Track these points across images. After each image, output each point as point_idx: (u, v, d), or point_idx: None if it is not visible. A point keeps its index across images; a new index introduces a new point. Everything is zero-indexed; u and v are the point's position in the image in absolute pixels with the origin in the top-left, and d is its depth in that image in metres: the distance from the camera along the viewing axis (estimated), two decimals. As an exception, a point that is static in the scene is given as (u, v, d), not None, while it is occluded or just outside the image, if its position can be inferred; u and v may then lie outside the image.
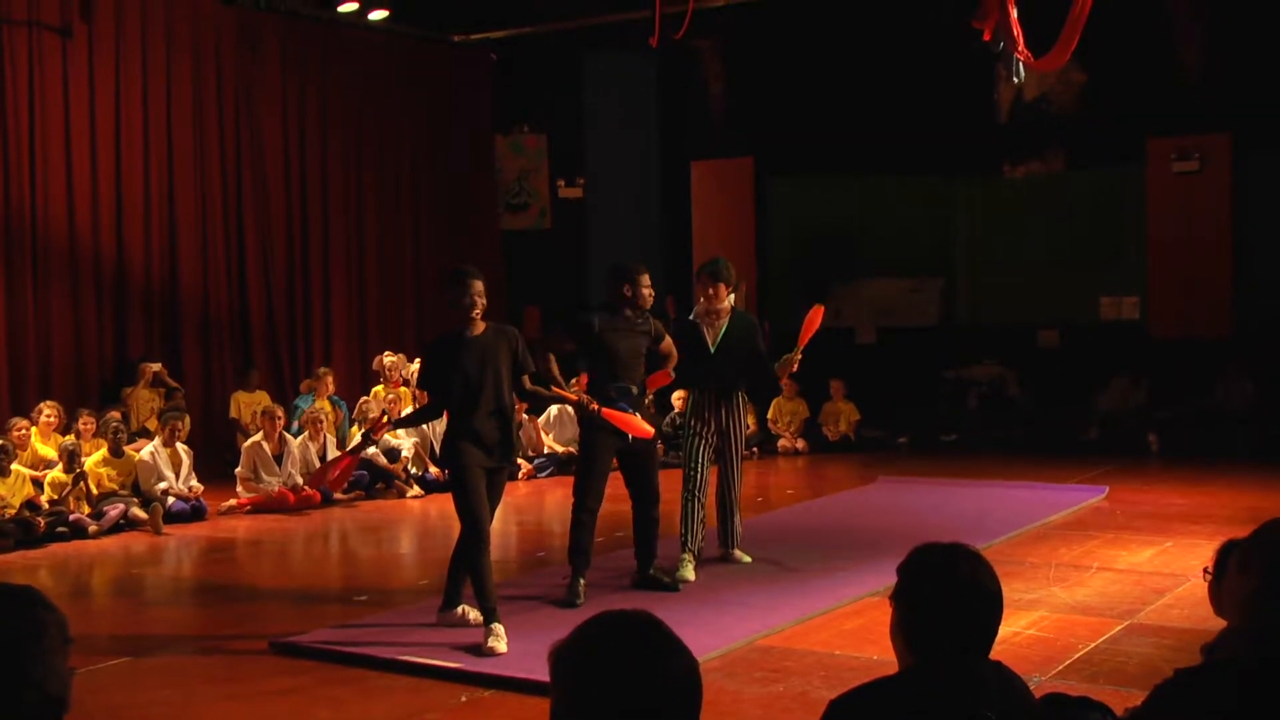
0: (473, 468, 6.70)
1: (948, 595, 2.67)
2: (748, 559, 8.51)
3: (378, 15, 15.36)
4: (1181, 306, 14.80)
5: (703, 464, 8.26)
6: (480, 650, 6.37)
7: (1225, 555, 3.34)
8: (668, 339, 7.90)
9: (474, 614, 6.79)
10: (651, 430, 7.61)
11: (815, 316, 8.26)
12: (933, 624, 2.68)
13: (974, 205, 16.53)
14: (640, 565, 7.91)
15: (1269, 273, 14.45)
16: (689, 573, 8.05)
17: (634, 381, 7.66)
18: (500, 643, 6.39)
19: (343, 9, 15.00)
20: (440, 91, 16.89)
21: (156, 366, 12.97)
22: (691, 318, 8.40)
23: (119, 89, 13.53)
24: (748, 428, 10.32)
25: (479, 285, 6.80)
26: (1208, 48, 14.65)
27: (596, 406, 7.36)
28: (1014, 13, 9.80)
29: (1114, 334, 15.35)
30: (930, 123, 15.58)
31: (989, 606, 2.69)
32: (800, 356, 8.37)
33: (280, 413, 12.00)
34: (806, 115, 16.18)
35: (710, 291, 8.25)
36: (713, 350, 8.24)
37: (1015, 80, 10.86)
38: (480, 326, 6.81)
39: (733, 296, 8.51)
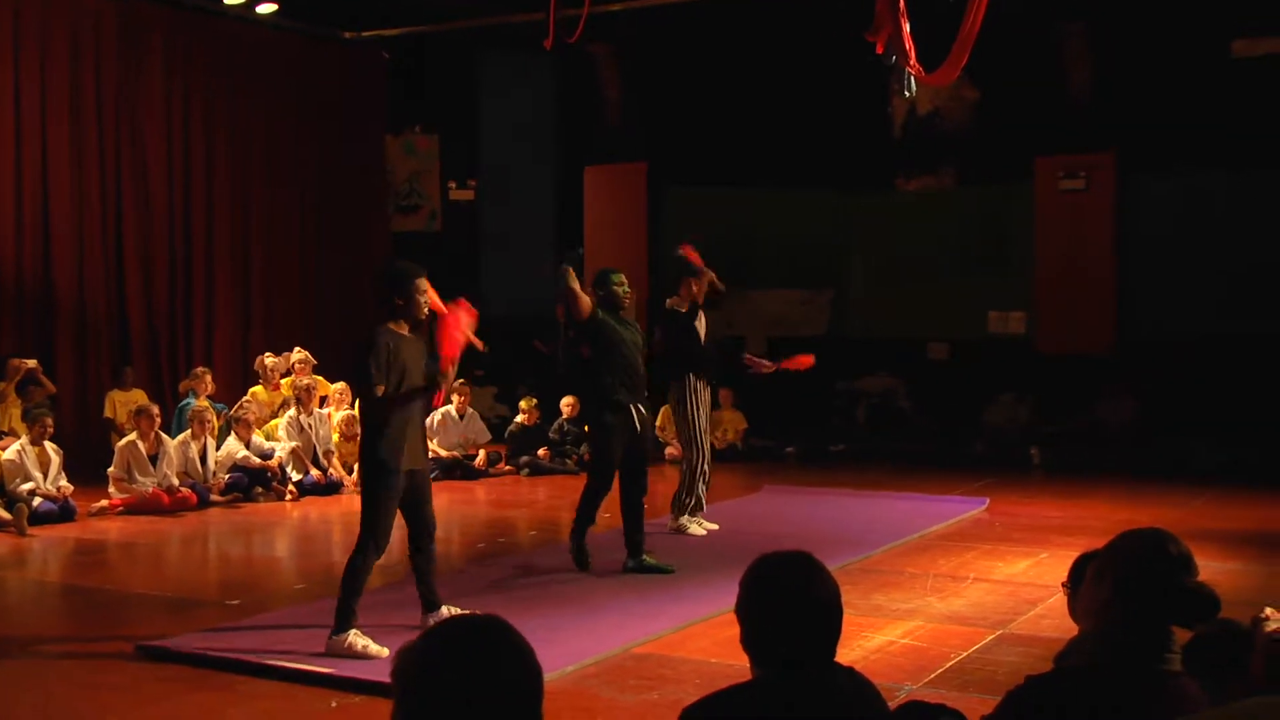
0: (399, 473, 6.60)
1: (779, 605, 2.73)
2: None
3: (266, 9, 15.18)
4: (1067, 323, 15.11)
5: (706, 442, 9.92)
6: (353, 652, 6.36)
7: (1082, 566, 3.45)
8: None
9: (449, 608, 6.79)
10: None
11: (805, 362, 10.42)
12: (770, 635, 2.73)
13: (866, 218, 16.75)
14: (633, 551, 8.56)
15: (1151, 291, 14.84)
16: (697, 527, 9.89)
17: (638, 376, 8.64)
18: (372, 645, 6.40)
19: (229, 1, 14.80)
20: (331, 90, 16.75)
21: (32, 363, 12.64)
22: (679, 309, 9.90)
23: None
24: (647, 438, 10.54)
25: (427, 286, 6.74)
26: (1096, 69, 15.01)
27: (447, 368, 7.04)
28: (906, 27, 9.97)
29: (1001, 348, 15.64)
30: (824, 135, 15.78)
31: (823, 614, 2.73)
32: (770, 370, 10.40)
33: (156, 411, 11.79)
34: (701, 124, 16.30)
35: (696, 288, 9.89)
36: (703, 340, 9.91)
37: (907, 94, 11.08)
38: (406, 327, 6.71)
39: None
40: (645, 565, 8.53)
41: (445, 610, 6.92)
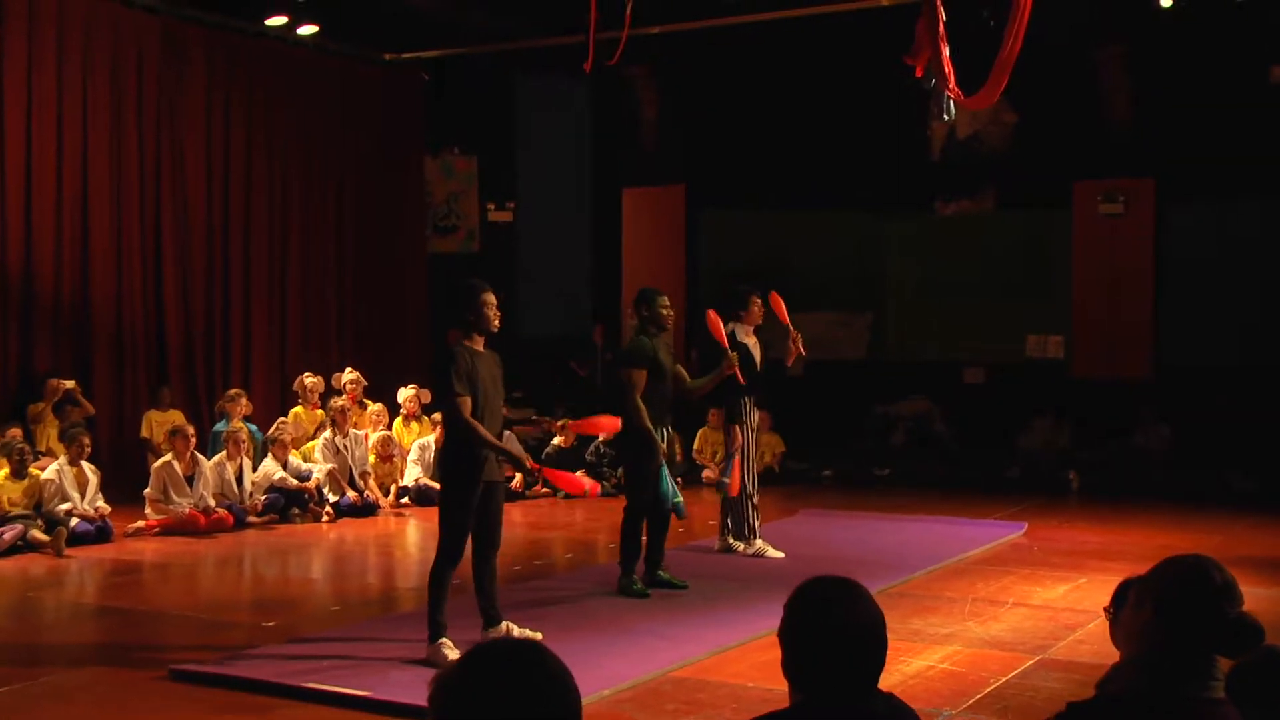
0: (476, 485, 6.79)
1: (825, 632, 2.67)
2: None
3: (307, 30, 15.28)
4: (1104, 348, 15.02)
5: (754, 465, 10.02)
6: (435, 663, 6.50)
7: (1123, 592, 3.40)
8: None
9: (518, 630, 6.96)
10: (585, 486, 8.05)
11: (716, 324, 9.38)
12: (811, 661, 2.68)
13: (904, 241, 16.69)
14: (650, 567, 8.66)
15: (1188, 317, 14.72)
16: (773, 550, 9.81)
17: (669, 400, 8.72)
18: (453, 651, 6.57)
19: (271, 22, 14.90)
20: (370, 110, 16.81)
21: (70, 384, 12.69)
22: (740, 339, 9.77)
23: (31, 95, 13.22)
24: (677, 456, 10.50)
25: (494, 300, 6.99)
26: (1135, 94, 14.94)
27: (535, 466, 7.54)
28: (946, 50, 9.94)
29: (1038, 373, 15.55)
30: (863, 158, 15.73)
31: (868, 643, 2.68)
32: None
33: (192, 432, 11.82)
34: (740, 146, 16.29)
35: (759, 309, 9.86)
36: (759, 367, 9.89)
37: (946, 118, 11.00)
38: (480, 342, 6.96)
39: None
40: (658, 580, 8.65)
41: (504, 626, 7.03)
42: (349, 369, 13.96)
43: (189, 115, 14.74)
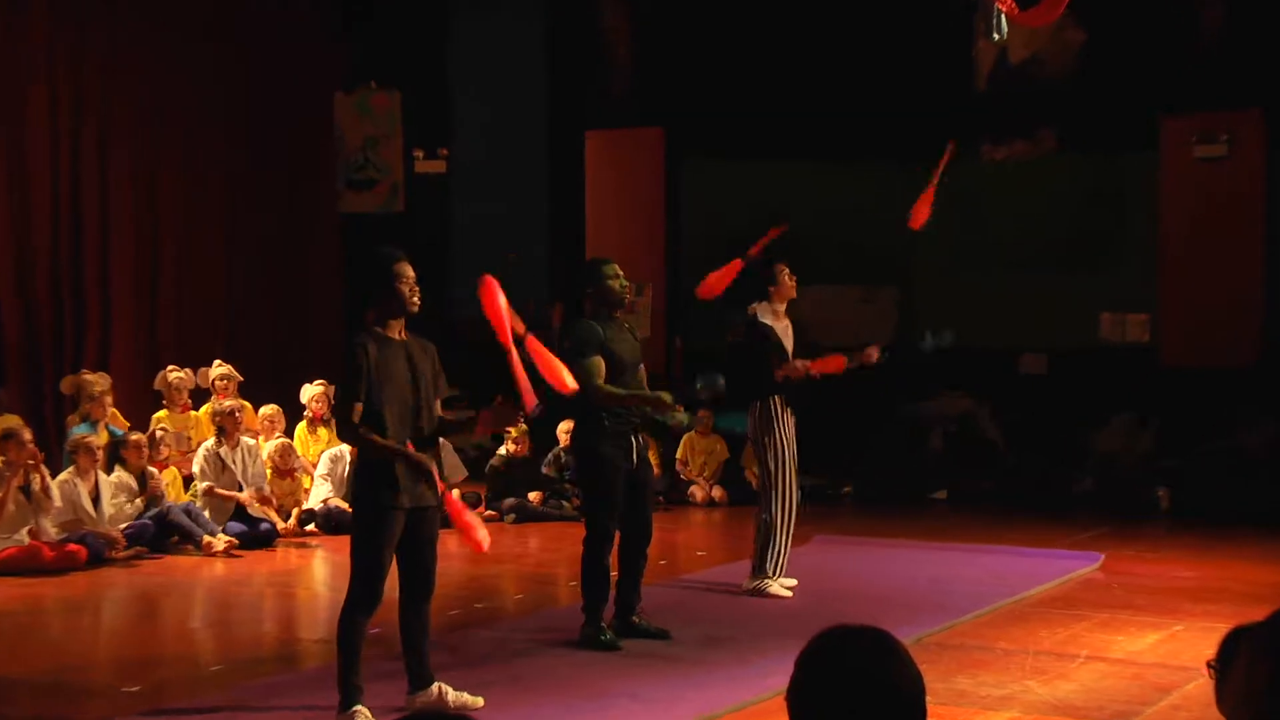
0: (395, 510, 6.64)
1: (847, 698, 2.60)
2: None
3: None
4: (1201, 327, 15.02)
5: (794, 483, 10.00)
6: None
7: (1232, 645, 3.33)
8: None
9: (454, 695, 6.89)
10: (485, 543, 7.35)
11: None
12: None
13: (941, 196, 16.62)
14: (621, 611, 8.58)
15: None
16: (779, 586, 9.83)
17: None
18: None
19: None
20: (266, 37, 16.73)
21: None
22: (762, 319, 9.90)
23: None
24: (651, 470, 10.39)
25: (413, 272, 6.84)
26: (1232, 4, 14.92)
27: (443, 488, 7.25)
28: (996, -48, 9.88)
29: (1116, 360, 15.58)
30: (888, 92, 15.68)
31: (902, 712, 2.61)
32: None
33: (29, 437, 11.57)
34: (733, 80, 16.23)
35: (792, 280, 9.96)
36: (791, 356, 9.87)
37: (996, 38, 10.94)
38: (396, 328, 6.83)
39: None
40: (633, 628, 8.56)
41: (436, 688, 6.93)
42: (217, 362, 13.79)
43: (24, 28, 14.57)
